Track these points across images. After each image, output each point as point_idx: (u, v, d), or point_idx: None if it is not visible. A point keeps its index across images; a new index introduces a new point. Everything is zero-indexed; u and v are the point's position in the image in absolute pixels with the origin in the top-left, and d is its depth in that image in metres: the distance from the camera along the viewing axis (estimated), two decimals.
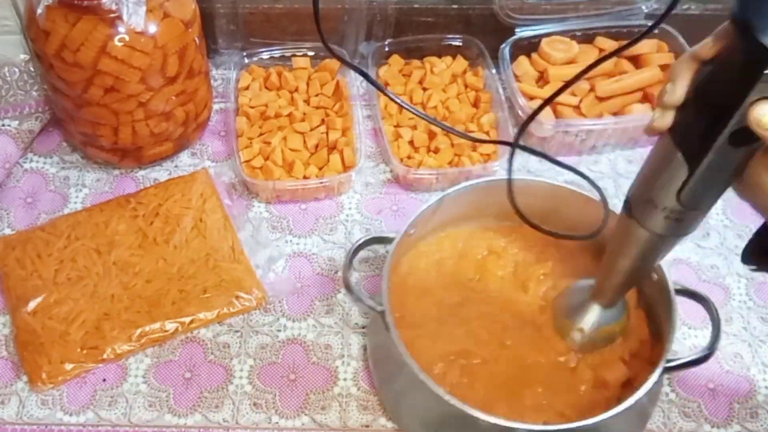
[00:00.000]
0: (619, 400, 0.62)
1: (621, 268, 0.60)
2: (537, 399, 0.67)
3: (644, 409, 0.69)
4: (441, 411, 0.62)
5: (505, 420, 0.59)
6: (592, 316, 0.67)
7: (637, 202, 0.54)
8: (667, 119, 0.48)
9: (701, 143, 0.47)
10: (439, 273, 0.76)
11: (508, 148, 0.84)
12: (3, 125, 0.89)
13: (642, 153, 0.93)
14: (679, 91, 0.47)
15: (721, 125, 0.45)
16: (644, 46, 0.94)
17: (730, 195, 0.52)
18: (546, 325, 0.71)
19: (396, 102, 0.73)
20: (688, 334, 0.78)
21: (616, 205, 0.91)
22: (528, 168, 0.91)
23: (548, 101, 0.59)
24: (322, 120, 0.91)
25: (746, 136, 0.44)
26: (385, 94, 0.71)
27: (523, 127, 0.61)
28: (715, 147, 0.46)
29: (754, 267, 0.57)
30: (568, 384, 0.68)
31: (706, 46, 0.46)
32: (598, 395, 0.67)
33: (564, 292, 0.71)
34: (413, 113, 0.72)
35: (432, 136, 0.90)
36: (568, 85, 0.57)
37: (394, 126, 0.91)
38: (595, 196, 0.65)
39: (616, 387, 0.67)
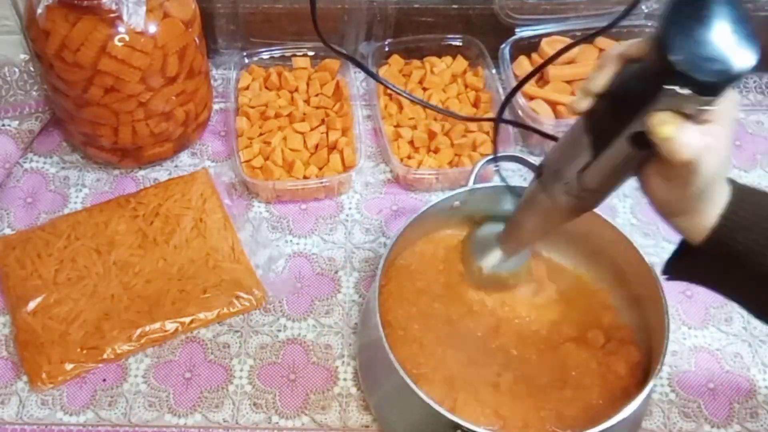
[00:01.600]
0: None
1: (524, 224, 0.64)
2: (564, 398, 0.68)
3: (636, 418, 0.70)
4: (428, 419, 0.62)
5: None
6: (492, 259, 0.71)
7: (547, 169, 0.58)
8: (584, 104, 0.51)
9: (606, 135, 0.49)
10: (433, 281, 0.76)
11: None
12: (3, 125, 0.89)
13: None
14: (600, 80, 0.49)
15: (625, 124, 0.47)
16: None
17: None
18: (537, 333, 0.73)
19: (397, 92, 0.73)
20: (688, 334, 0.78)
21: (621, 205, 0.90)
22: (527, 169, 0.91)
23: (531, 75, 0.62)
24: (322, 120, 0.91)
25: (645, 141, 0.46)
26: (386, 86, 0.72)
27: (506, 101, 0.65)
28: (616, 142, 0.49)
29: (667, 277, 0.59)
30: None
31: (634, 46, 0.48)
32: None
33: (476, 231, 0.74)
34: (416, 102, 0.73)
35: (432, 136, 0.90)
36: (545, 64, 0.60)
37: (394, 126, 0.91)
38: None
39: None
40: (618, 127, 0.48)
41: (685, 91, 0.43)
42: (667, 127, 0.44)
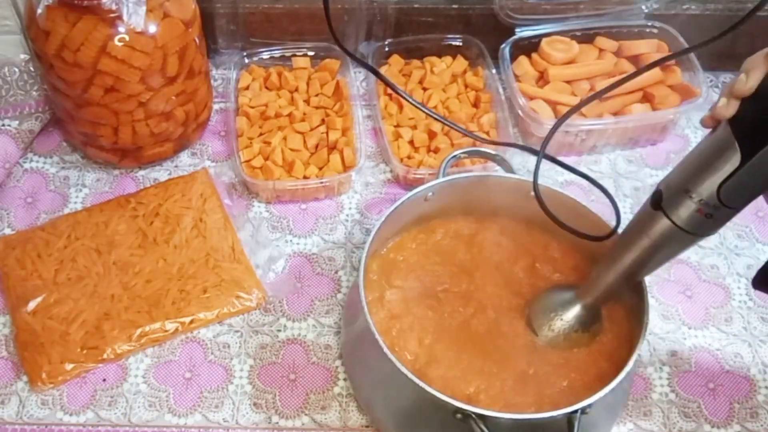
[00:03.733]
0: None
1: (622, 263, 0.60)
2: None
3: (614, 404, 0.69)
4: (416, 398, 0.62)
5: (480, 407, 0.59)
6: (571, 313, 0.68)
7: (672, 191, 0.55)
8: (731, 108, 0.50)
9: (762, 136, 0.48)
10: (426, 263, 0.76)
11: (508, 149, 0.85)
12: (3, 125, 0.89)
13: (642, 153, 0.93)
14: (751, 82, 0.48)
15: None
16: (644, 46, 0.94)
17: None
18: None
19: (404, 98, 0.72)
20: (688, 335, 0.78)
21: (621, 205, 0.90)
22: (528, 167, 0.91)
23: (577, 107, 0.59)
24: (322, 120, 0.91)
25: None
26: (395, 91, 0.70)
27: (551, 133, 0.61)
28: None
29: (764, 290, 0.58)
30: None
31: None
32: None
33: (543, 294, 0.72)
34: (427, 114, 0.72)
35: (432, 136, 0.90)
36: (601, 93, 0.57)
37: (394, 126, 0.91)
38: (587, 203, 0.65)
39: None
40: None
41: None
42: None
